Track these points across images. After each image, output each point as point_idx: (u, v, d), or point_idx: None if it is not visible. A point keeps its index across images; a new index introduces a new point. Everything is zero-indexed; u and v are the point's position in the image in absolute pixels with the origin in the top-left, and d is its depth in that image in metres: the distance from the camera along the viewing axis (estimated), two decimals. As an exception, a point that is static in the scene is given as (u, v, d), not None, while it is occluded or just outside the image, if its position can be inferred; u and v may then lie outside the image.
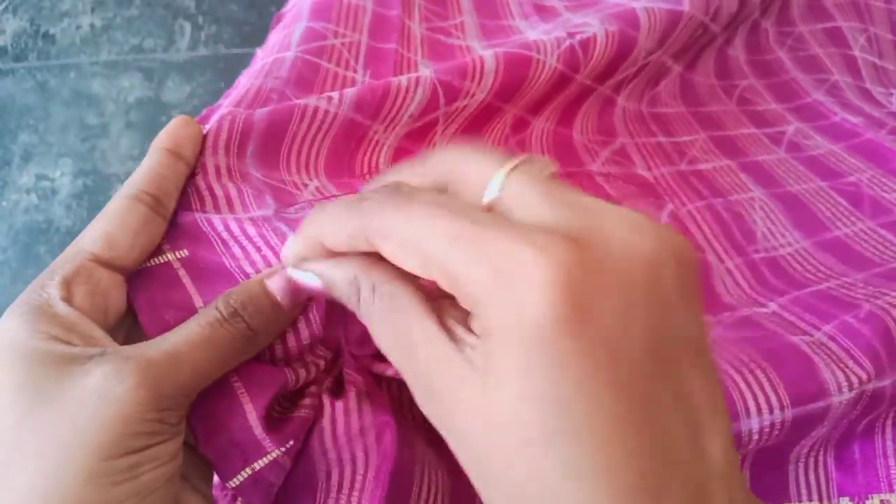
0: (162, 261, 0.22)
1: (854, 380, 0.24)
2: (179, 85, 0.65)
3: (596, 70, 0.36)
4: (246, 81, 0.30)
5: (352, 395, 0.20)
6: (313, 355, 0.21)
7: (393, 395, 0.23)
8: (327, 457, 0.20)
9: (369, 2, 0.37)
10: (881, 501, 0.26)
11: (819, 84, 0.44)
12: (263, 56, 0.34)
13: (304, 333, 0.21)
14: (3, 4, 0.68)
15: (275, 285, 0.19)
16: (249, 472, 0.19)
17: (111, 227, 0.20)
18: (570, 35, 0.35)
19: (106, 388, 0.16)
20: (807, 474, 0.26)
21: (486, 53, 0.32)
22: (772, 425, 0.23)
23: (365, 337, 0.21)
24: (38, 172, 0.61)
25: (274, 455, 0.19)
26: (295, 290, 0.19)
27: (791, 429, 0.24)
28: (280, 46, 0.32)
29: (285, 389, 0.20)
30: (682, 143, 0.39)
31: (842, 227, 0.34)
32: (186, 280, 0.22)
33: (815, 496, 0.26)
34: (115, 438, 0.15)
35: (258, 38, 0.47)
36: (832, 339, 0.25)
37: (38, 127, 0.63)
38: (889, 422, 0.26)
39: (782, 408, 0.23)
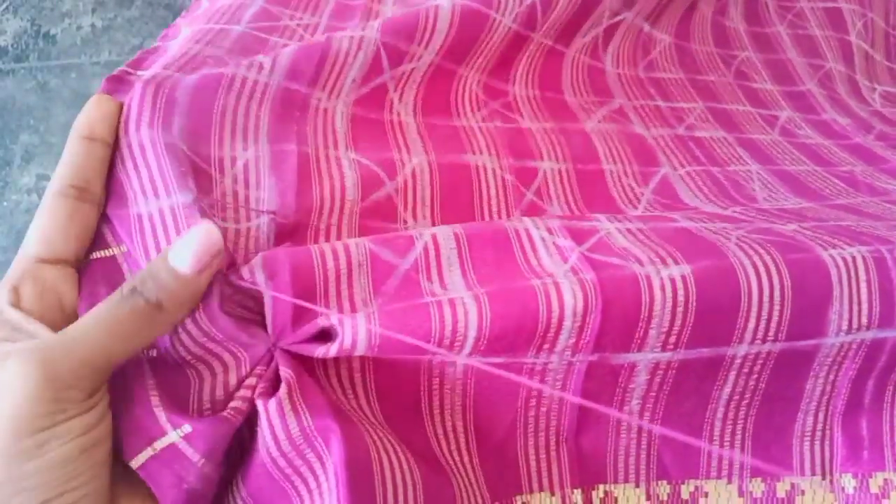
0: (108, 254, 0.23)
1: (854, 323, 0.23)
2: (180, 85, 0.65)
3: (554, 29, 0.35)
4: (183, 44, 0.29)
5: (283, 392, 0.20)
6: (228, 353, 0.21)
7: (338, 397, 0.22)
8: (287, 474, 0.20)
9: None
10: (885, 480, 0.25)
11: (814, 71, 0.44)
12: (208, 12, 0.33)
13: (194, 331, 0.21)
14: (4, 5, 0.69)
15: (175, 254, 0.20)
16: (151, 453, 0.19)
17: (43, 225, 0.22)
18: None
19: (10, 376, 0.17)
20: (812, 448, 0.25)
21: (443, 3, 0.31)
22: (756, 355, 0.23)
23: (294, 325, 0.21)
24: (39, 173, 0.62)
25: (172, 438, 0.19)
26: (198, 256, 0.20)
27: (773, 368, 0.23)
28: (229, 17, 0.32)
29: (183, 385, 0.21)
30: (679, 109, 0.38)
31: (843, 199, 0.33)
32: (128, 275, 0.23)
33: (817, 471, 0.25)
34: (20, 420, 0.17)
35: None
36: (864, 263, 0.24)
37: (38, 127, 0.63)
38: None
39: (775, 340, 0.22)
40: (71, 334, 0.19)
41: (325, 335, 0.21)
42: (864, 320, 0.23)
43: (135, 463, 0.19)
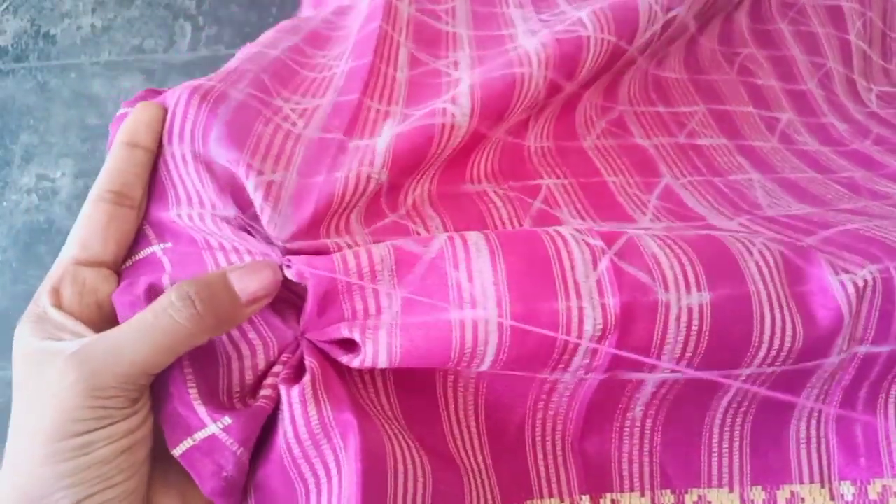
0: (148, 253, 0.24)
1: (853, 342, 0.23)
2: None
3: (613, 26, 0.34)
4: (232, 62, 0.30)
5: (307, 380, 0.20)
6: (258, 335, 0.21)
7: (358, 389, 0.23)
8: (298, 464, 0.20)
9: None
10: (884, 487, 0.25)
11: (815, 70, 0.44)
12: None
13: None
14: (4, 5, 0.69)
15: (237, 278, 0.20)
16: (191, 443, 0.20)
17: (81, 229, 0.23)
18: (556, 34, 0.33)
19: (53, 383, 0.18)
20: (809, 456, 0.26)
21: (462, 90, 0.29)
22: (759, 375, 0.23)
23: (325, 322, 0.21)
24: (39, 173, 0.61)
25: (212, 430, 0.20)
26: (256, 290, 0.20)
27: (773, 382, 0.23)
28: (270, 43, 0.32)
29: (214, 368, 0.21)
30: (681, 114, 0.38)
31: (846, 204, 0.33)
32: (167, 265, 0.23)
33: (816, 479, 0.25)
34: (61, 425, 0.18)
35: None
36: (873, 285, 0.24)
37: (38, 127, 0.63)
38: (892, 399, 0.26)
39: (783, 364, 0.23)
40: (115, 343, 0.19)
41: (351, 341, 0.21)
42: (859, 335, 0.23)
43: (176, 452, 0.20)
